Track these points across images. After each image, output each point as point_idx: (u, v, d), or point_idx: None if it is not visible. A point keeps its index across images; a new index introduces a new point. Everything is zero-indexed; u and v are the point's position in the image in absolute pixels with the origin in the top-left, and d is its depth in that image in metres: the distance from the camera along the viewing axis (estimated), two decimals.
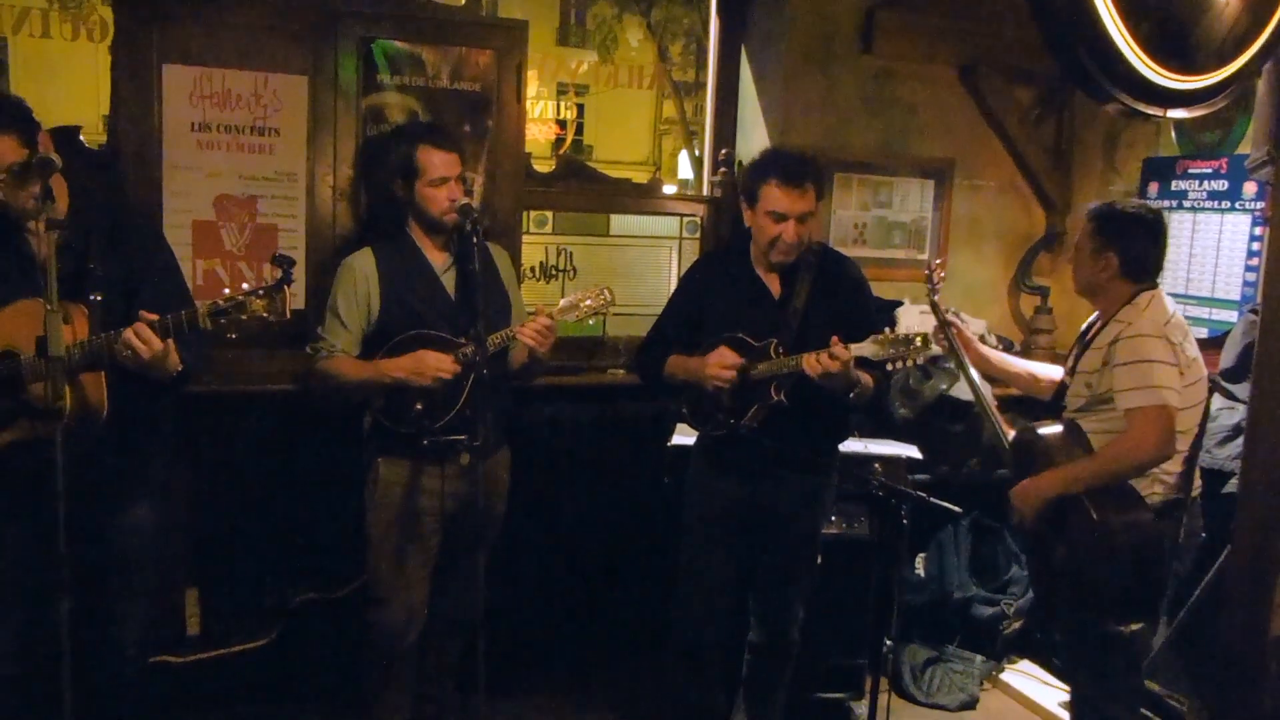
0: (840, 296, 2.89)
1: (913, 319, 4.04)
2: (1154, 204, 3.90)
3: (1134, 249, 2.76)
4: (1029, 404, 3.27)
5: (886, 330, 2.64)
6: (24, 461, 2.29)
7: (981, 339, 3.48)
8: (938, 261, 3.16)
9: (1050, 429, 2.83)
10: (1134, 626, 2.76)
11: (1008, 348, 4.20)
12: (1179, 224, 3.96)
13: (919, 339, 2.57)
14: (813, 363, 2.61)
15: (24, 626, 2.53)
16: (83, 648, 2.26)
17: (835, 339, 2.61)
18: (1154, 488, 2.72)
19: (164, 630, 3.29)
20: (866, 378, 2.72)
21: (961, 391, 3.98)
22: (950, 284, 4.33)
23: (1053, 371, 3.10)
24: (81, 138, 3.22)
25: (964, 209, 4.38)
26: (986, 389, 3.09)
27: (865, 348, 2.60)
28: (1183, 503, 2.78)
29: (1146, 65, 2.39)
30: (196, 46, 3.22)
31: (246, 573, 3.45)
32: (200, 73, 3.22)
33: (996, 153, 4.40)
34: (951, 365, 3.99)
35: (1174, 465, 2.73)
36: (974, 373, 3.05)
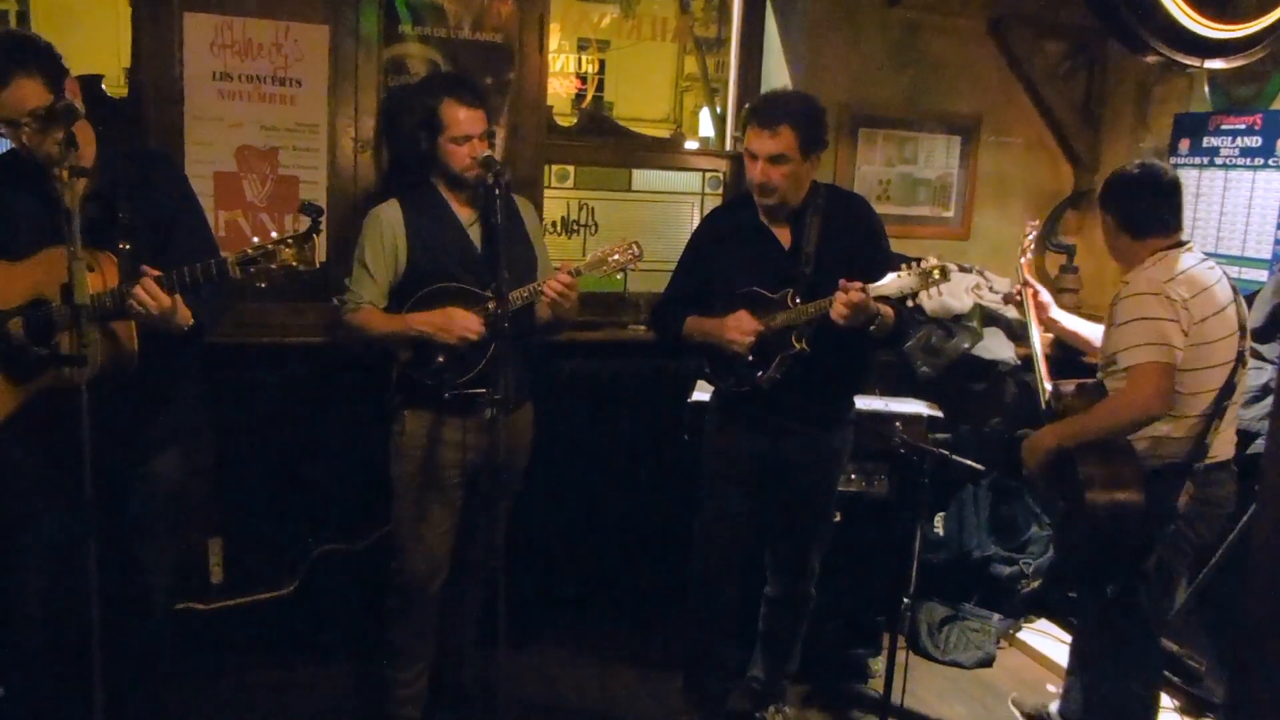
0: (851, 235, 2.87)
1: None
2: (1184, 161, 3.84)
3: (1131, 206, 2.79)
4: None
5: (904, 266, 2.62)
6: (54, 409, 2.31)
7: (1006, 298, 3.46)
8: (1033, 223, 3.20)
9: (1073, 385, 2.86)
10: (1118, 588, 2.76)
11: None
12: (1210, 182, 3.90)
13: (936, 271, 2.58)
14: (836, 306, 2.61)
15: (54, 572, 2.56)
16: (110, 594, 2.28)
17: (844, 282, 2.61)
18: (1157, 449, 2.71)
19: (189, 578, 3.34)
20: (887, 310, 2.70)
21: (984, 350, 3.96)
22: (975, 241, 4.32)
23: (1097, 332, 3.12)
24: (104, 87, 3.21)
25: (990, 166, 4.32)
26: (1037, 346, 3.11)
27: (886, 287, 2.61)
28: (1186, 468, 2.73)
29: (1185, 13, 2.34)
30: None
31: (270, 523, 3.48)
32: (221, 21, 3.19)
33: (1024, 108, 4.33)
34: (974, 324, 3.98)
35: (1178, 429, 2.70)
36: (1036, 335, 3.11)
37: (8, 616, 2.63)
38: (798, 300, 2.75)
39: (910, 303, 2.66)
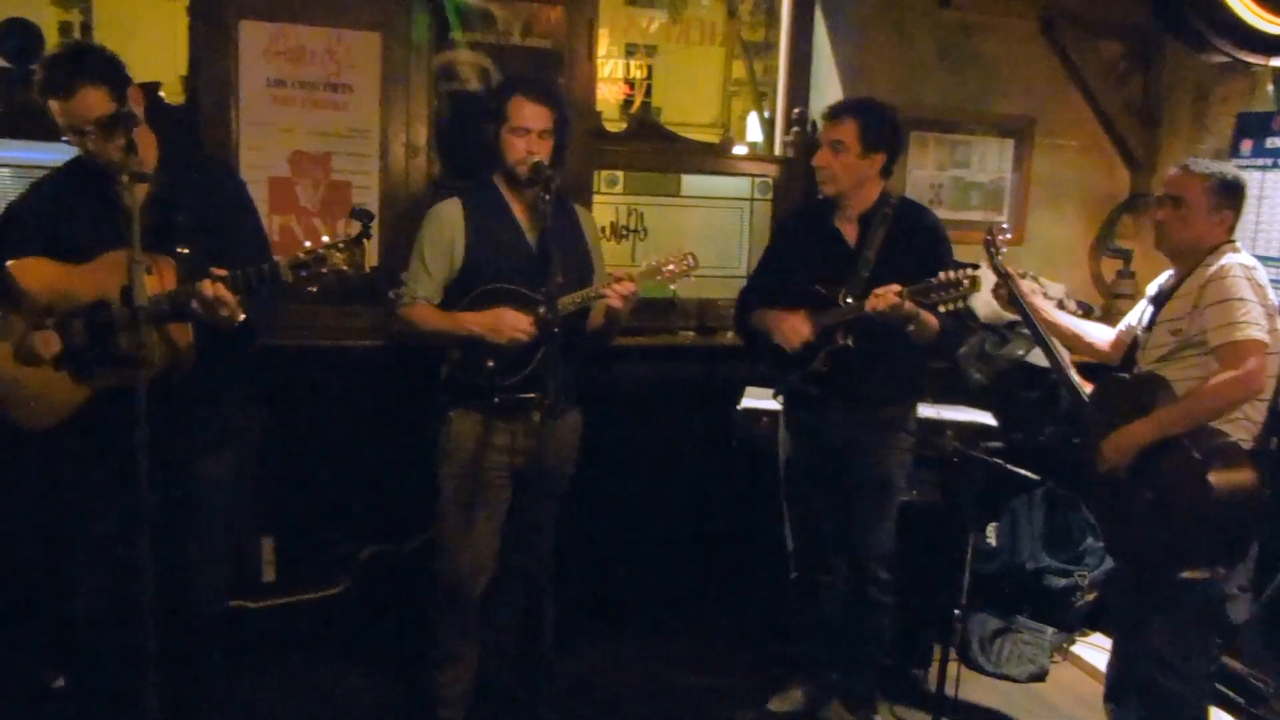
0: (915, 247, 2.97)
1: (990, 283, 3.94)
2: (1246, 163, 3.75)
3: (1239, 210, 2.77)
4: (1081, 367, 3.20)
5: (940, 274, 2.71)
6: (113, 407, 2.35)
7: (1060, 304, 3.40)
8: (1003, 225, 3.13)
9: (1135, 379, 2.80)
10: (1207, 573, 2.69)
11: (1087, 312, 4.08)
12: (1275, 184, 3.79)
13: (966, 279, 2.68)
14: (871, 301, 2.76)
15: (109, 567, 2.61)
16: (164, 590, 2.31)
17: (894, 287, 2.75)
18: (1238, 433, 2.65)
19: (241, 577, 3.39)
20: (929, 316, 2.82)
21: (1037, 358, 3.88)
22: (1029, 246, 4.24)
23: (1102, 332, 3.10)
24: (161, 94, 3.27)
25: (1044, 169, 4.26)
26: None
27: (917, 292, 2.73)
28: (1266, 453, 2.72)
29: (1250, 9, 2.27)
30: (272, 3, 3.25)
31: (320, 523, 3.52)
32: (275, 29, 3.25)
33: (1078, 110, 4.27)
34: (1028, 330, 3.90)
35: (1257, 413, 2.68)
36: (1042, 328, 3.01)
37: (66, 610, 2.69)
38: (849, 301, 2.87)
39: (943, 308, 2.76)
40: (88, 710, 2.78)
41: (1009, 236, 3.08)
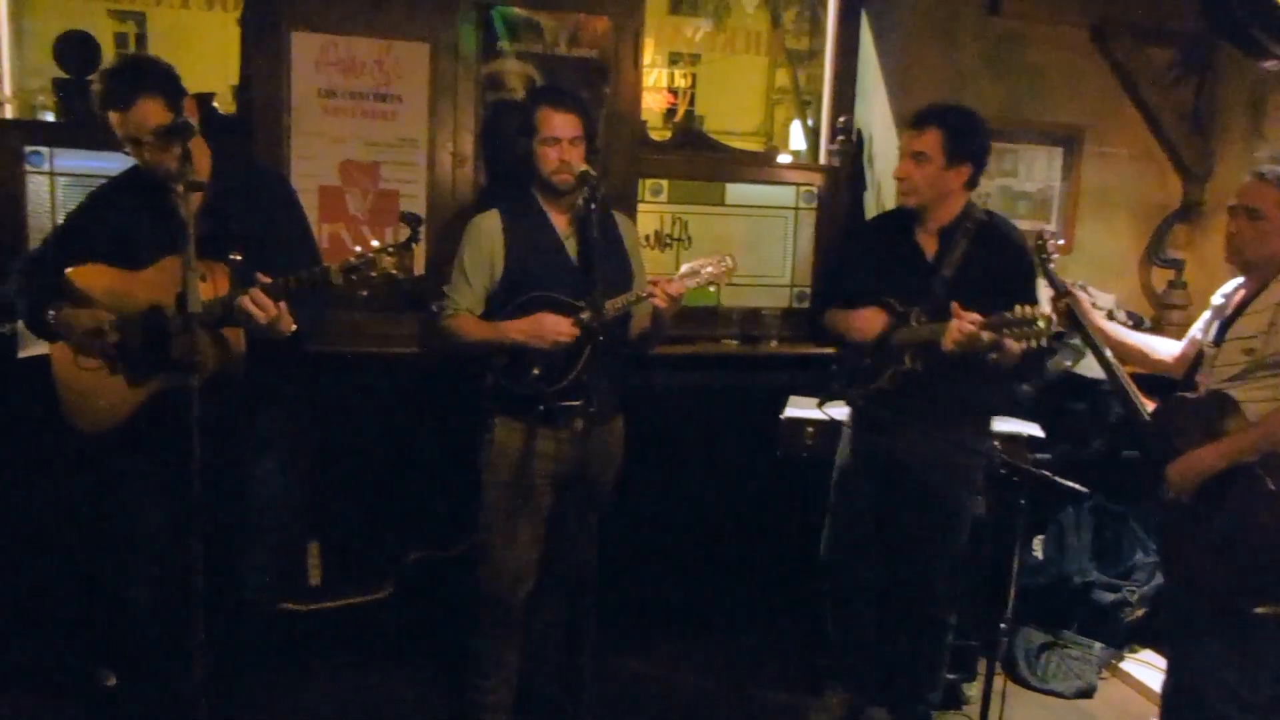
0: (997, 265, 2.88)
1: (1041, 296, 3.90)
2: None
3: None
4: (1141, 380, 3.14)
5: (1016, 308, 2.59)
6: (167, 411, 2.41)
7: (1110, 315, 3.35)
8: (1054, 231, 3.07)
9: (1202, 399, 2.67)
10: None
11: (1137, 323, 4.02)
12: None
13: (1040, 321, 2.55)
14: (946, 339, 2.67)
15: (161, 568, 2.67)
16: (213, 591, 2.35)
17: (956, 308, 2.67)
18: None
19: (288, 579, 3.43)
20: (1013, 344, 2.69)
21: (1086, 369, 3.83)
22: (1078, 256, 4.19)
23: (1166, 346, 2.98)
24: (215, 104, 3.34)
25: (1094, 178, 4.20)
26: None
27: (990, 325, 2.62)
28: None
29: None
30: (323, 14, 3.30)
31: (365, 528, 3.56)
32: (327, 40, 3.30)
33: (1129, 118, 4.20)
34: (1077, 341, 3.85)
35: None
36: (1104, 345, 2.94)
37: (120, 609, 2.74)
38: (922, 319, 2.81)
39: (1018, 346, 2.65)
40: (139, 707, 2.83)
41: (1061, 243, 3.00)
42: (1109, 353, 2.90)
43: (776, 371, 3.75)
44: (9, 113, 3.44)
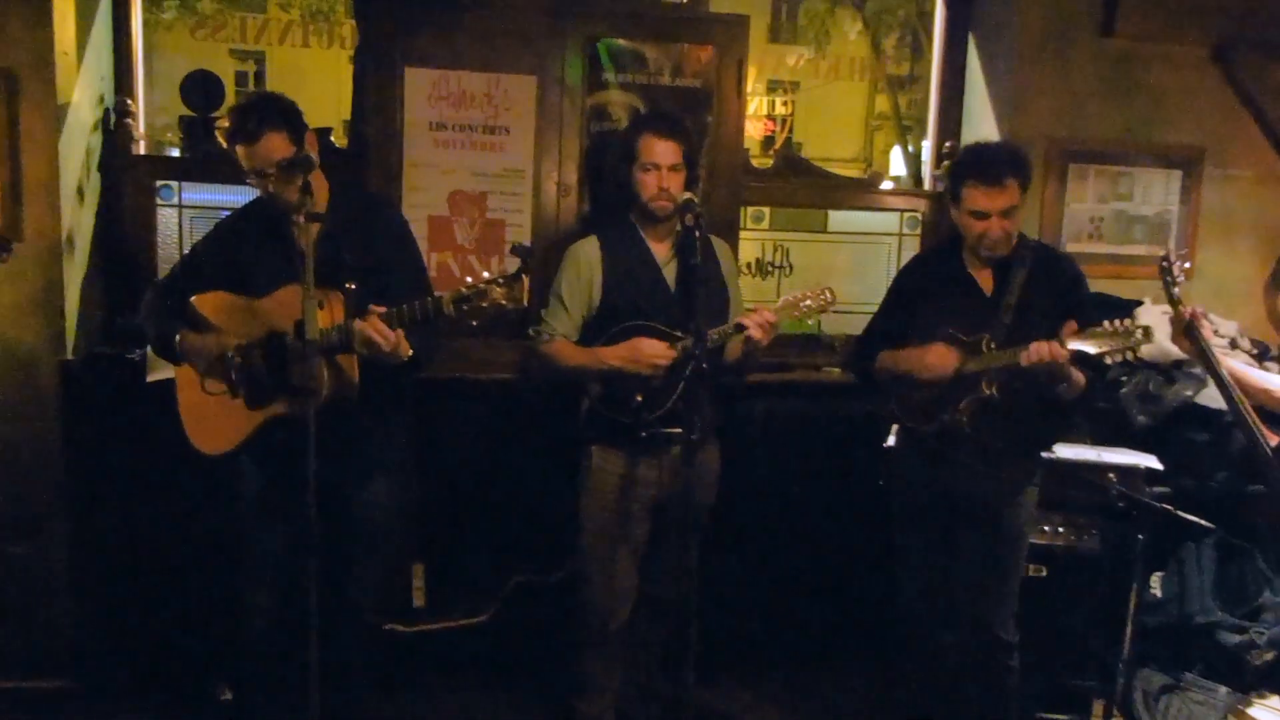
0: (1056, 294, 2.83)
1: (1153, 319, 3.76)
2: None
3: None
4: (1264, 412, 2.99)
5: (1105, 323, 2.56)
6: (284, 434, 2.49)
7: (1233, 343, 3.21)
8: (1181, 253, 2.96)
9: None
10: None
11: (1263, 352, 3.83)
12: None
13: (1140, 330, 2.51)
14: (1030, 352, 2.59)
15: (277, 588, 2.75)
16: (325, 610, 2.42)
17: (1061, 338, 2.59)
18: None
19: (394, 601, 3.50)
20: (1079, 375, 2.69)
21: (1208, 399, 3.67)
22: (1198, 282, 4.01)
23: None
24: (331, 138, 3.47)
25: (1215, 201, 4.03)
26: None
27: (1084, 341, 2.56)
28: None
29: None
30: (435, 50, 3.40)
31: (469, 551, 3.61)
32: (438, 75, 3.40)
33: (1253, 139, 4.03)
34: (1198, 370, 3.70)
35: None
36: (1225, 373, 2.83)
37: (236, 626, 2.84)
38: (993, 346, 2.73)
39: (1110, 359, 2.59)
40: None
41: (1188, 265, 2.91)
42: (1226, 373, 2.81)
43: (879, 399, 3.68)
44: (142, 149, 3.62)
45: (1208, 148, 4.00)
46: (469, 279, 2.37)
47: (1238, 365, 2.95)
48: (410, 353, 2.52)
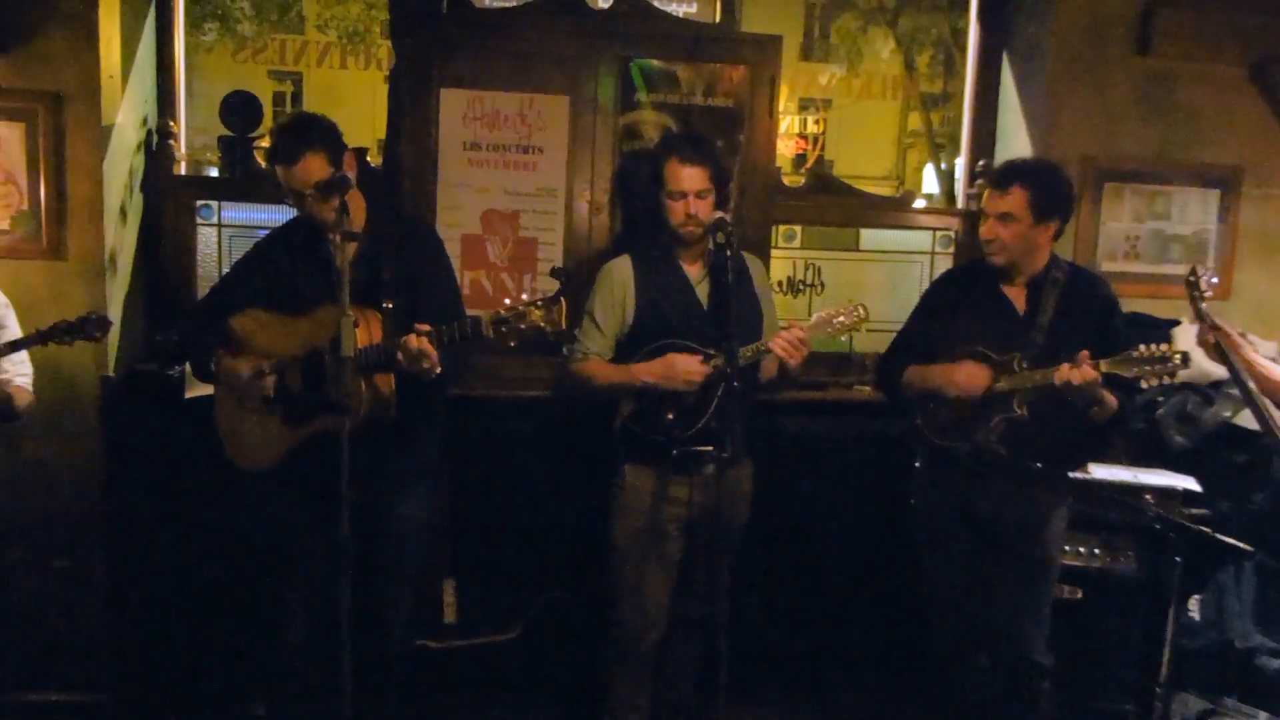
0: (1088, 315, 2.83)
1: (1189, 340, 3.72)
2: None
3: None
4: None
5: (1141, 346, 2.56)
6: (321, 451, 2.51)
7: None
8: (1209, 268, 2.95)
9: None
10: None
11: None
12: None
13: (1177, 355, 2.51)
14: (1063, 372, 2.59)
15: (312, 604, 2.77)
16: (359, 626, 2.43)
17: (1085, 353, 2.59)
18: None
19: (425, 617, 3.51)
20: (1110, 398, 2.69)
21: (1246, 420, 3.62)
22: (1236, 302, 3.98)
23: None
24: (368, 159, 3.51)
25: (1253, 220, 3.99)
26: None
27: (1118, 364, 2.56)
28: None
29: None
30: (469, 71, 3.44)
31: (499, 568, 3.61)
32: (473, 96, 3.44)
33: None
34: (1236, 391, 3.66)
35: None
36: (1253, 383, 2.82)
37: (272, 642, 2.86)
38: (1024, 365, 2.72)
39: (1146, 383, 2.59)
40: None
41: (1215, 280, 2.89)
42: (1254, 386, 2.81)
43: (900, 412, 3.67)
44: (183, 169, 3.68)
45: (1246, 166, 3.97)
46: (507, 300, 2.38)
47: (1262, 361, 2.91)
48: (439, 369, 2.54)
